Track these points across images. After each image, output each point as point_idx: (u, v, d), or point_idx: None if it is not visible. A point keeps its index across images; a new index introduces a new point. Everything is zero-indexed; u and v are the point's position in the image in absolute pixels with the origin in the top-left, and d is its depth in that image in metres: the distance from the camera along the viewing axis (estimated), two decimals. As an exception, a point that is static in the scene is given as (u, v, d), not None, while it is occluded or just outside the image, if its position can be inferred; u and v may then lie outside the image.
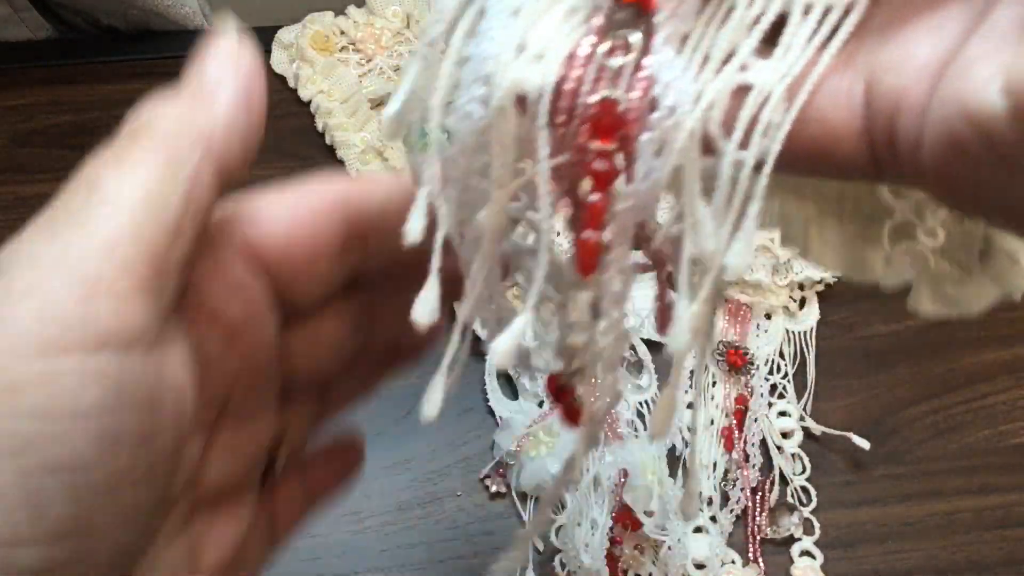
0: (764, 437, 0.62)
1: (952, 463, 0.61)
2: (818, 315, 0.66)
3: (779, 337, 0.65)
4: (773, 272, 0.66)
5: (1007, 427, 0.63)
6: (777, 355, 0.65)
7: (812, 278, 0.66)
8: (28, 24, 0.80)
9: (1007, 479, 0.61)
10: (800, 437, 0.62)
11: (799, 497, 0.60)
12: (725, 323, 0.66)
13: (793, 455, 0.61)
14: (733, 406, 0.62)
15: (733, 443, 0.61)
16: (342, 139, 0.74)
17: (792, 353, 0.65)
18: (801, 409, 0.63)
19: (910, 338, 0.67)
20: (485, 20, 0.23)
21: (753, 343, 0.65)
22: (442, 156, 0.24)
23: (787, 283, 0.66)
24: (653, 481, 0.57)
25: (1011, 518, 0.60)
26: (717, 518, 0.59)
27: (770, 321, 0.66)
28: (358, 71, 0.78)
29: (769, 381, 0.64)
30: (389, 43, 0.79)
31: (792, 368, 0.64)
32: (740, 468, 0.60)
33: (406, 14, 0.80)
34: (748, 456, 0.61)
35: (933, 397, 0.64)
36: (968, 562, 0.58)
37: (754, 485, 0.60)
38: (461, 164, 0.24)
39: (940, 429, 0.63)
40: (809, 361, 0.64)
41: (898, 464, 0.61)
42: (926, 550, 0.58)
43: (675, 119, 0.22)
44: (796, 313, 0.66)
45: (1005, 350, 0.66)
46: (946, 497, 0.60)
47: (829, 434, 0.61)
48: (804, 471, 0.60)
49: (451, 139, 0.24)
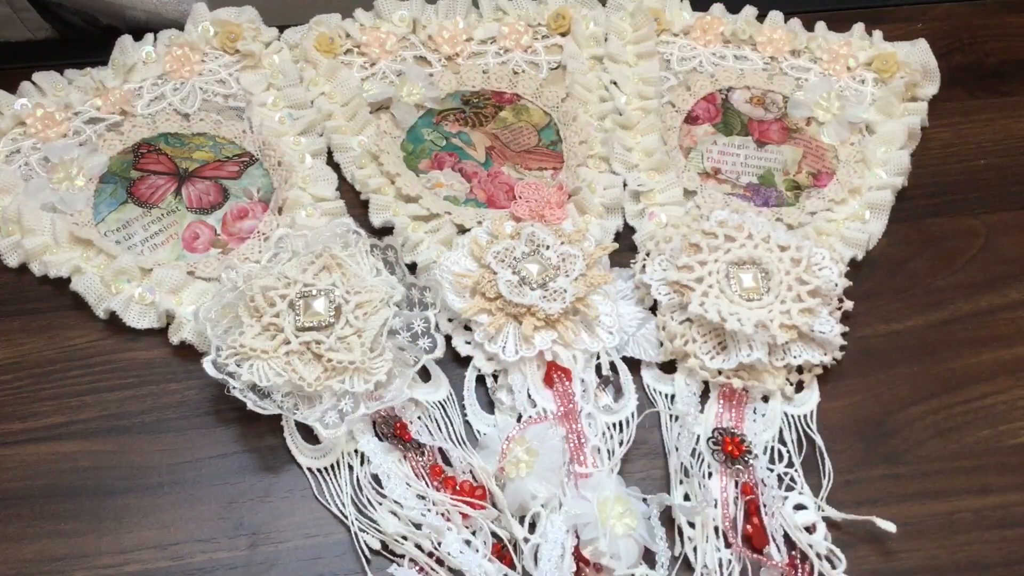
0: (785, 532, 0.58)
1: (952, 463, 0.61)
2: (818, 398, 0.63)
3: (777, 422, 0.62)
4: (770, 352, 0.62)
5: (1007, 427, 0.63)
6: (776, 442, 0.61)
7: (811, 361, 0.62)
8: (28, 24, 0.80)
9: (1007, 479, 0.61)
10: (823, 529, 0.58)
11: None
12: (720, 408, 0.62)
13: (825, 554, 0.56)
14: (740, 497, 0.58)
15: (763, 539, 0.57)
16: (339, 142, 0.74)
17: (795, 439, 0.61)
18: (821, 500, 0.59)
19: (910, 338, 0.67)
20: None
21: (750, 429, 0.62)
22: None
23: (784, 364, 0.62)
24: (616, 524, 0.55)
25: (1011, 518, 0.60)
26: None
27: (767, 405, 0.63)
28: (361, 74, 0.78)
29: (773, 471, 0.60)
30: (394, 47, 0.79)
31: (799, 457, 0.61)
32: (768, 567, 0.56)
33: (413, 19, 0.80)
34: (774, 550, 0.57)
35: (933, 397, 0.64)
36: (968, 562, 0.58)
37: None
38: None
39: (940, 429, 0.63)
40: (819, 445, 0.61)
41: (898, 464, 0.61)
42: (926, 550, 0.58)
43: None
44: (794, 396, 0.63)
45: (1005, 350, 0.66)
46: (946, 497, 0.60)
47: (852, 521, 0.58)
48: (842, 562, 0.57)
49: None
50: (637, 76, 0.78)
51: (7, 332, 0.66)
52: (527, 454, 0.58)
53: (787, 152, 0.75)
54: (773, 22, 0.81)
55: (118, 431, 0.62)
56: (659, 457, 0.62)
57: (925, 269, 0.70)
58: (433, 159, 0.73)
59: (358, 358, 0.59)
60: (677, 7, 0.82)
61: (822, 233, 0.70)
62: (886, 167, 0.73)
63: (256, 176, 0.72)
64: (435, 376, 0.63)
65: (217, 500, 0.60)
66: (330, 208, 0.70)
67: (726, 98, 0.78)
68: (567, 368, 0.63)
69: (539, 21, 0.81)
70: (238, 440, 0.62)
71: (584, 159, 0.73)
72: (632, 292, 0.67)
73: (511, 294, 0.63)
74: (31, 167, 0.71)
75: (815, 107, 0.76)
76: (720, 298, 0.63)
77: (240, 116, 0.75)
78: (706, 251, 0.64)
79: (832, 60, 0.79)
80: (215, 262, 0.67)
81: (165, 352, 0.65)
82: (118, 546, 0.58)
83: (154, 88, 0.75)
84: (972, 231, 0.72)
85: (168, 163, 0.72)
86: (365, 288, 0.61)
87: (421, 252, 0.68)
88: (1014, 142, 0.77)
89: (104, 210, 0.69)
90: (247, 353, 0.58)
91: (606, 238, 0.70)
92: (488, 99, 0.77)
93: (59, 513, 0.59)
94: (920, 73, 0.78)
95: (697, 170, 0.74)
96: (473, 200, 0.71)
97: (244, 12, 0.78)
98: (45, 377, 0.64)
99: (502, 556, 0.57)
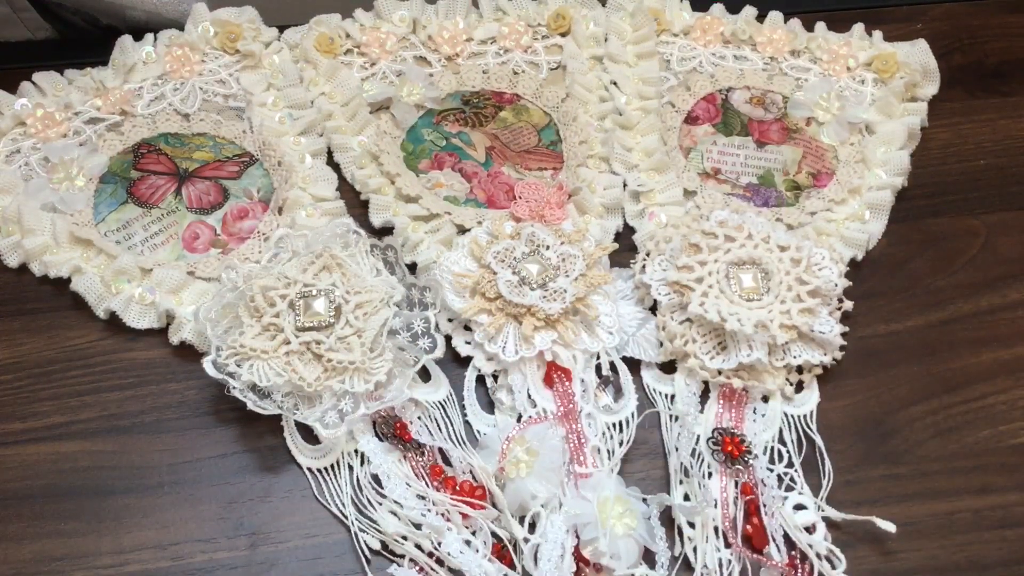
0: (785, 532, 0.58)
1: (952, 463, 0.61)
2: (818, 398, 0.63)
3: (777, 422, 0.62)
4: (770, 352, 0.62)
5: (1007, 427, 0.63)
6: (776, 442, 0.61)
7: (811, 361, 0.62)
8: (28, 24, 0.80)
9: (1007, 479, 0.61)
10: (823, 529, 0.58)
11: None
12: (720, 408, 0.62)
13: (825, 554, 0.57)
14: (740, 497, 0.58)
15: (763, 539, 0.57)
16: (339, 142, 0.74)
17: (795, 440, 0.61)
18: (820, 500, 0.59)
19: (910, 338, 0.67)
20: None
21: (749, 429, 0.62)
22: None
23: (784, 364, 0.62)
24: (615, 524, 0.55)
25: (1011, 518, 0.60)
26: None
27: (767, 405, 0.63)
28: (361, 74, 0.78)
29: (773, 472, 0.60)
30: (394, 48, 0.79)
31: (799, 457, 0.61)
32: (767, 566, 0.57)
33: (413, 19, 0.80)
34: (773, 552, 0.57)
35: (933, 397, 0.64)
36: (968, 562, 0.58)
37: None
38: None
39: (940, 429, 0.63)
40: (819, 445, 0.61)
41: (898, 464, 0.61)
42: (926, 550, 0.58)
43: None
44: (793, 396, 0.63)
45: (1005, 350, 0.66)
46: (946, 497, 0.60)
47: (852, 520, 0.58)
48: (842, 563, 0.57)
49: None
50: (637, 76, 0.78)
51: (7, 332, 0.66)
52: (527, 454, 0.58)
53: (787, 152, 0.75)
54: (773, 22, 0.81)
55: (118, 431, 0.62)
56: (659, 457, 0.62)
57: (925, 269, 0.70)
58: (433, 159, 0.73)
59: (358, 358, 0.59)
60: (677, 7, 0.82)
61: (822, 233, 0.70)
62: (886, 167, 0.73)
63: (256, 176, 0.72)
64: (435, 376, 0.63)
65: (217, 500, 0.60)
66: (330, 208, 0.70)
67: (726, 98, 0.78)
68: (567, 368, 0.63)
69: (539, 21, 0.81)
70: (238, 440, 0.62)
71: (584, 159, 0.73)
72: (632, 292, 0.67)
73: (511, 294, 0.63)
74: (31, 167, 0.71)
75: (815, 107, 0.76)
76: (720, 298, 0.63)
77: (240, 116, 0.75)
78: (706, 251, 0.64)
79: (832, 60, 0.79)
80: (215, 262, 0.67)
81: (165, 352, 0.65)
82: (118, 546, 0.58)
83: (154, 88, 0.75)
84: (972, 231, 0.72)
85: (168, 163, 0.72)
86: (365, 288, 0.62)
87: (421, 252, 0.68)
88: (1014, 142, 0.77)
89: (104, 210, 0.69)
90: (247, 353, 0.58)
91: (606, 238, 0.70)
92: (488, 99, 0.77)
93: (59, 513, 0.59)
94: (920, 73, 0.78)
95: (697, 170, 0.74)
96: (473, 200, 0.71)
97: (244, 12, 0.78)
98: (45, 377, 0.64)
99: (502, 556, 0.57)
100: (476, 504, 0.57)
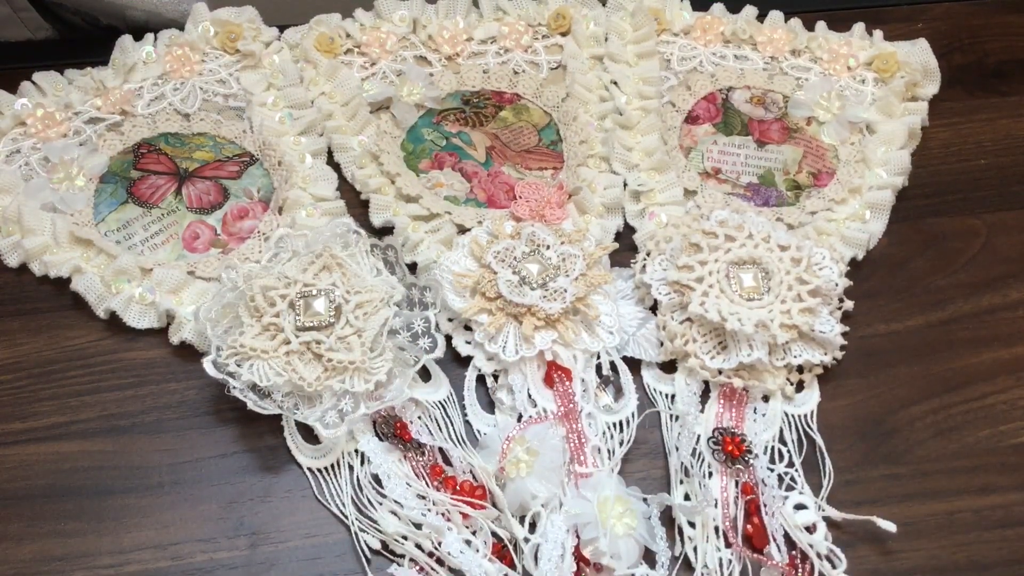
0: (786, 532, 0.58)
1: (952, 463, 0.61)
2: (818, 398, 0.63)
3: (777, 422, 0.62)
4: (770, 352, 0.62)
5: (1007, 427, 0.63)
6: (777, 441, 0.61)
7: (812, 361, 0.62)
8: (28, 24, 0.80)
9: (1007, 479, 0.61)
10: (824, 529, 0.57)
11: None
12: (720, 408, 0.62)
13: (825, 554, 0.56)
14: (740, 497, 0.58)
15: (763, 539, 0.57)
16: (340, 142, 0.74)
17: (795, 439, 0.61)
18: (821, 500, 0.59)
19: (910, 338, 0.67)
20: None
21: (750, 429, 0.62)
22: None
23: (784, 364, 0.62)
24: (616, 524, 0.55)
25: (1011, 518, 0.60)
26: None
27: (767, 405, 0.63)
28: (361, 74, 0.78)
29: (774, 471, 0.60)
30: (394, 47, 0.79)
31: (799, 457, 0.61)
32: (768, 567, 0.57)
33: (413, 19, 0.80)
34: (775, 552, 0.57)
35: (933, 397, 0.64)
36: (968, 562, 0.58)
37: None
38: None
39: (940, 429, 0.63)
40: (819, 445, 0.61)
41: (898, 464, 0.61)
42: (926, 550, 0.58)
43: None
44: (794, 396, 0.63)
45: (1005, 350, 0.66)
46: (946, 497, 0.60)
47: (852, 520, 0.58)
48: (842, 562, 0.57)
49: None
50: (637, 76, 0.78)
51: (7, 332, 0.66)
52: (527, 454, 0.58)
53: (787, 152, 0.75)
54: (773, 22, 0.81)
55: (118, 431, 0.62)
56: (659, 457, 0.62)
57: (925, 269, 0.70)
58: (433, 159, 0.73)
59: (358, 358, 0.59)
60: (677, 7, 0.82)
61: (822, 233, 0.70)
62: (886, 167, 0.73)
63: (256, 176, 0.72)
64: (435, 376, 0.63)
65: (217, 500, 0.60)
66: (330, 208, 0.70)
67: (726, 98, 0.78)
68: (567, 368, 0.63)
69: (539, 21, 0.81)
70: (238, 440, 0.62)
71: (584, 159, 0.73)
72: (632, 292, 0.67)
73: (511, 294, 0.63)
74: (31, 167, 0.71)
75: (815, 107, 0.76)
76: (720, 298, 0.63)
77: (240, 116, 0.75)
78: (706, 251, 0.64)
79: (832, 60, 0.79)
80: (215, 262, 0.67)
81: (165, 352, 0.65)
82: (118, 546, 0.58)
83: (154, 88, 0.75)
84: (972, 231, 0.72)
85: (168, 163, 0.72)
86: (365, 288, 0.61)
87: (421, 252, 0.68)
88: (1014, 142, 0.77)
89: (104, 210, 0.69)
90: (247, 353, 0.58)
91: (606, 238, 0.70)
92: (488, 99, 0.77)
93: (59, 513, 0.59)
94: (920, 73, 0.78)
95: (697, 170, 0.74)
96: (473, 200, 0.71)
97: (244, 12, 0.78)
98: (45, 377, 0.64)
99: (502, 556, 0.57)
100: (476, 504, 0.57)
